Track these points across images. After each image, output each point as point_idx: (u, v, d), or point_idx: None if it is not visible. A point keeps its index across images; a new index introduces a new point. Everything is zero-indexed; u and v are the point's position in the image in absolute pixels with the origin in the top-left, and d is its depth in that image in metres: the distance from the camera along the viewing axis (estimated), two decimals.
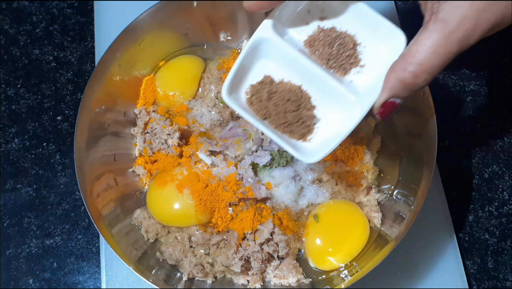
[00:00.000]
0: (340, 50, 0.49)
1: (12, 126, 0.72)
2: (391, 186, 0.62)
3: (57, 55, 0.76)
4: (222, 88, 0.48)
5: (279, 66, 0.50)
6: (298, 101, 0.49)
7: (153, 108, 0.66)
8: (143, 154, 0.64)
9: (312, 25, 0.50)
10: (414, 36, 0.41)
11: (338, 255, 0.58)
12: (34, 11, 0.78)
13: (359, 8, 0.48)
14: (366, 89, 0.48)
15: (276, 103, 0.49)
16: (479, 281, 0.63)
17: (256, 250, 0.57)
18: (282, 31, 0.50)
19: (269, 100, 0.49)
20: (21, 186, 0.69)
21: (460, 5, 0.39)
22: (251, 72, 0.51)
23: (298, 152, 0.48)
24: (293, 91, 0.50)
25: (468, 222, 0.66)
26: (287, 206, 0.61)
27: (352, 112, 0.47)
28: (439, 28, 0.39)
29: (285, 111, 0.49)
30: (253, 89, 0.50)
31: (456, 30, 0.39)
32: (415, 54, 0.41)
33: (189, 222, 0.59)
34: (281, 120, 0.49)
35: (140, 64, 0.66)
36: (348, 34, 0.49)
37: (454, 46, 0.40)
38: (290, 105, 0.49)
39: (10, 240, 0.66)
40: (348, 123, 0.47)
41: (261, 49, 0.49)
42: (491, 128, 0.70)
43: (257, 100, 0.50)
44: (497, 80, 0.72)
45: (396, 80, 0.42)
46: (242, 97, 0.50)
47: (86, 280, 0.64)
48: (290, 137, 0.50)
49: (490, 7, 0.39)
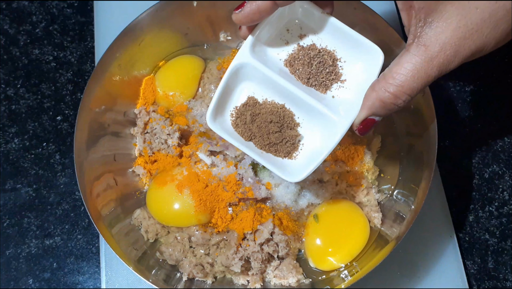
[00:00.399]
0: (319, 68, 0.50)
1: (12, 126, 0.72)
2: (391, 186, 0.62)
3: (57, 55, 0.76)
4: (207, 114, 0.49)
5: (261, 87, 0.51)
6: (280, 122, 0.51)
7: (153, 108, 0.66)
8: (143, 154, 0.64)
9: (292, 43, 0.51)
10: (396, 57, 0.43)
11: (338, 255, 0.58)
12: (34, 11, 0.78)
13: (335, 25, 0.48)
14: (347, 106, 0.49)
15: (259, 126, 0.50)
16: (479, 281, 0.63)
17: (256, 250, 0.57)
18: (263, 51, 0.50)
19: (252, 123, 0.51)
20: (21, 186, 0.69)
21: (442, 32, 0.40)
22: (235, 94, 0.52)
23: (283, 172, 0.49)
24: (275, 112, 0.51)
25: (468, 222, 0.66)
26: (287, 206, 0.61)
27: (334, 129, 0.48)
28: (420, 52, 0.41)
29: (268, 132, 0.50)
30: (238, 111, 0.51)
31: (437, 55, 0.40)
32: (396, 76, 0.42)
33: (189, 222, 0.59)
34: (265, 141, 0.51)
35: (140, 64, 0.66)
36: (328, 51, 0.50)
37: (434, 71, 0.41)
38: (272, 127, 0.50)
39: (10, 240, 0.66)
40: (330, 141, 0.48)
41: (242, 72, 0.50)
42: (491, 128, 0.70)
43: (242, 122, 0.51)
44: (497, 80, 0.72)
45: (377, 99, 0.44)
46: (228, 120, 0.52)
47: (86, 280, 0.64)
48: (276, 156, 0.51)
49: (472, 35, 0.40)
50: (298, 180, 0.49)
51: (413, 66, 0.41)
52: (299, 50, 0.50)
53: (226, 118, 0.52)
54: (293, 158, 0.51)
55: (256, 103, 0.51)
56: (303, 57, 0.50)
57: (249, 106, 0.51)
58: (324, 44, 0.50)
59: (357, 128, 0.47)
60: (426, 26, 0.40)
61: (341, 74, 0.50)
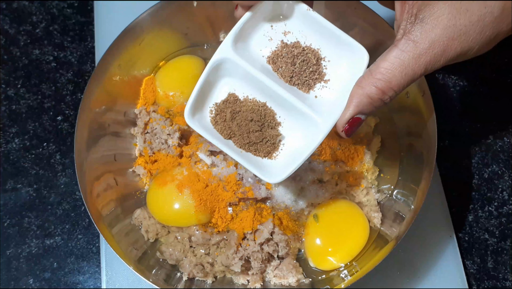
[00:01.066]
0: (303, 66, 0.48)
1: (12, 126, 0.72)
2: (391, 186, 0.62)
3: (57, 55, 0.76)
4: (185, 110, 0.48)
5: (243, 84, 0.50)
6: (261, 121, 0.49)
7: (153, 108, 0.66)
8: (143, 154, 0.64)
9: (275, 40, 0.49)
10: (383, 53, 0.42)
11: (338, 255, 0.58)
12: (34, 11, 0.78)
13: (321, 23, 0.47)
14: (330, 106, 0.47)
15: (239, 124, 0.49)
16: (479, 281, 0.63)
17: (256, 250, 0.57)
18: (245, 47, 0.49)
19: (232, 121, 0.49)
20: (21, 186, 0.69)
21: (432, 29, 0.40)
22: (215, 90, 0.50)
23: (262, 172, 0.48)
24: (256, 111, 0.49)
25: (468, 222, 0.66)
26: (287, 206, 0.61)
27: (316, 130, 0.47)
28: (409, 48, 0.41)
29: (248, 131, 0.49)
30: (218, 108, 0.50)
31: (426, 53, 0.40)
32: (384, 72, 0.42)
33: (189, 222, 0.59)
34: (245, 140, 0.49)
35: (140, 64, 0.66)
36: (312, 49, 0.49)
37: (420, 69, 0.41)
38: (253, 126, 0.49)
39: (10, 240, 0.66)
40: (311, 141, 0.47)
41: (224, 68, 0.48)
42: (491, 128, 0.70)
43: (221, 120, 0.50)
44: (497, 80, 0.72)
45: (364, 95, 0.43)
46: (207, 117, 0.50)
47: (86, 280, 0.64)
48: (256, 155, 0.50)
49: (459, 37, 0.40)
50: (277, 181, 0.47)
51: (401, 62, 0.41)
52: (282, 47, 0.49)
53: (206, 114, 0.50)
54: (273, 158, 0.50)
55: (236, 100, 0.50)
56: (286, 55, 0.48)
57: (229, 103, 0.50)
58: (308, 42, 0.49)
59: (344, 128, 0.46)
60: (417, 23, 0.41)
61: (325, 73, 0.49)
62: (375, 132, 0.65)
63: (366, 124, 0.65)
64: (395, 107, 0.63)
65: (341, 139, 0.63)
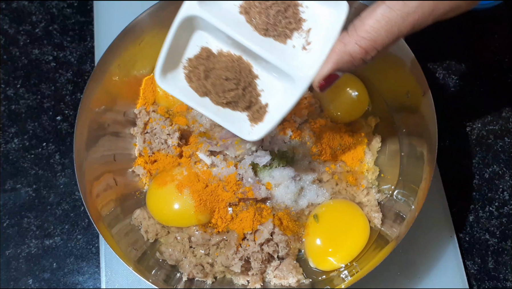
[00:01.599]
0: (278, 17, 0.44)
1: (11, 126, 0.72)
2: (391, 186, 0.62)
3: (57, 55, 0.76)
4: (155, 72, 0.45)
5: (215, 37, 0.46)
6: (237, 78, 0.46)
7: (152, 108, 0.66)
8: (143, 154, 0.64)
9: None
10: (369, 8, 0.40)
11: (338, 255, 0.58)
12: (34, 11, 0.78)
13: None
14: (308, 58, 0.44)
15: (214, 83, 0.46)
16: (480, 281, 0.63)
17: (256, 250, 0.57)
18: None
19: (206, 79, 0.46)
20: (20, 186, 0.69)
21: None
22: (188, 45, 0.47)
23: (240, 130, 0.46)
24: (230, 67, 0.46)
25: (468, 222, 0.66)
26: (287, 206, 0.61)
27: (293, 85, 0.44)
28: (398, 6, 0.38)
29: (223, 90, 0.46)
30: (191, 63, 0.47)
31: (414, 12, 0.38)
32: (370, 30, 0.39)
33: (189, 222, 0.59)
34: (221, 98, 0.47)
35: (140, 64, 0.66)
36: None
37: (407, 28, 0.39)
38: (228, 84, 0.46)
39: (10, 240, 0.66)
40: (289, 97, 0.44)
41: (193, 22, 0.45)
42: (491, 128, 0.70)
43: (195, 77, 0.47)
44: (497, 80, 0.72)
45: (345, 53, 0.41)
46: (181, 74, 0.47)
47: (85, 280, 0.64)
48: (234, 110, 0.48)
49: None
50: (256, 138, 0.46)
51: (388, 21, 0.39)
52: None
53: (179, 71, 0.47)
54: (251, 114, 0.48)
55: (210, 55, 0.46)
56: (259, 5, 0.45)
57: (202, 59, 0.47)
58: None
59: (319, 84, 0.44)
60: None
61: (303, 20, 0.45)
62: (375, 132, 0.65)
63: (366, 124, 0.65)
64: (395, 107, 0.63)
65: (341, 140, 0.63)
